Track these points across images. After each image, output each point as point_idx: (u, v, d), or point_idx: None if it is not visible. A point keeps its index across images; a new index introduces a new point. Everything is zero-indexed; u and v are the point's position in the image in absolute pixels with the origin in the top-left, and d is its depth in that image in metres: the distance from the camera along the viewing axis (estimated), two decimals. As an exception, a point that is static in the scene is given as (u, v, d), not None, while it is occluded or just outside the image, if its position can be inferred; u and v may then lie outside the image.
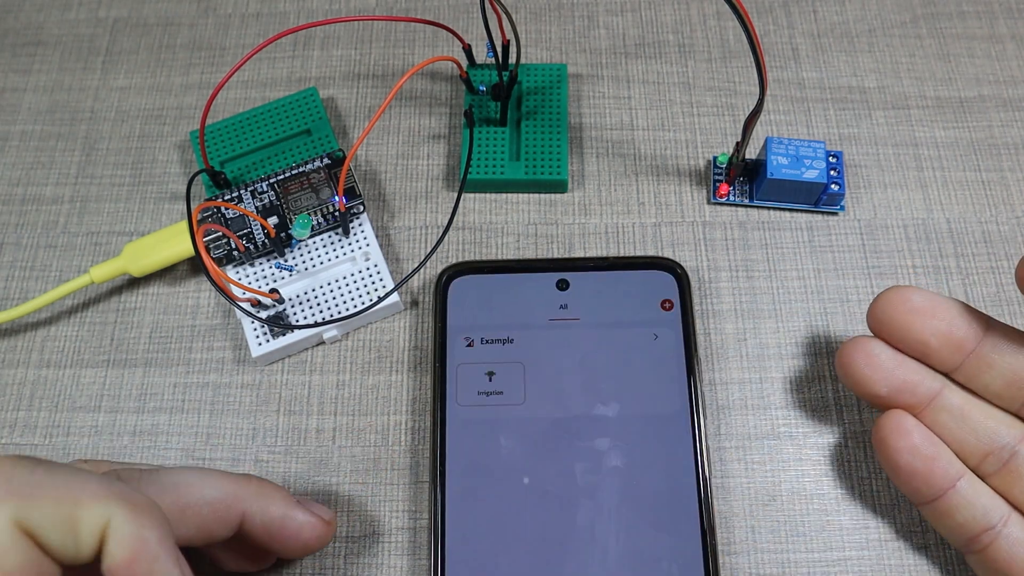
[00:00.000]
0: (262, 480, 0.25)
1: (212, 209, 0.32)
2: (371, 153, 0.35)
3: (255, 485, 0.25)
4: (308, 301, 0.31)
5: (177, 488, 0.23)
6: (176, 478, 0.23)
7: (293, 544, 0.25)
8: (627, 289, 0.31)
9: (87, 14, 0.39)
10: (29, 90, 0.38)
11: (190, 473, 0.24)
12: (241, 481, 0.24)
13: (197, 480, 0.23)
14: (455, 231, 0.34)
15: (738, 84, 0.36)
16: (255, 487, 0.25)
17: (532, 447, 0.28)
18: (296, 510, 0.25)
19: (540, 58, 0.37)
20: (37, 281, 0.34)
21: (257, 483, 0.25)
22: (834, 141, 0.35)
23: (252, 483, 0.25)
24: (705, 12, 0.38)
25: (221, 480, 0.24)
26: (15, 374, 0.32)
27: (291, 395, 0.31)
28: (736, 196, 0.33)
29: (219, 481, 0.24)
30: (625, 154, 0.35)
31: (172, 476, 0.23)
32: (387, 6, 0.39)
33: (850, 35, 0.37)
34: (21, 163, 0.36)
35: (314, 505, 0.26)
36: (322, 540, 0.25)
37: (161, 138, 0.36)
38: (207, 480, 0.24)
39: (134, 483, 0.22)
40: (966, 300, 0.32)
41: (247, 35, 0.38)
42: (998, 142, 0.35)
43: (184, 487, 0.23)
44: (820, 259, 0.33)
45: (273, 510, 0.24)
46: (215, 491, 0.23)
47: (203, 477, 0.24)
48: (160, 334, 0.32)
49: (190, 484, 0.23)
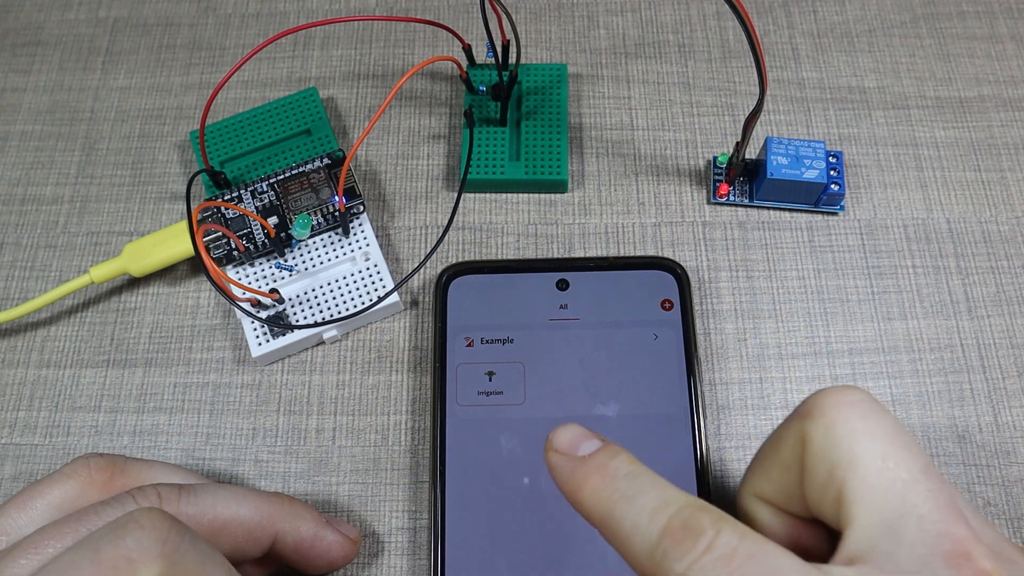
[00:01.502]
0: (294, 500, 0.26)
1: (212, 209, 0.32)
2: (371, 153, 0.35)
3: (288, 505, 0.25)
4: (308, 301, 0.31)
5: (215, 507, 0.23)
6: (214, 498, 0.24)
7: (320, 563, 0.25)
8: (627, 289, 0.31)
9: (87, 14, 0.39)
10: (29, 90, 0.38)
11: (227, 492, 0.24)
12: (275, 501, 0.25)
13: (234, 500, 0.24)
14: (455, 231, 0.34)
15: (738, 84, 0.36)
16: (288, 507, 0.25)
17: (532, 447, 0.28)
18: (326, 530, 0.25)
19: (540, 58, 0.37)
20: (37, 281, 0.34)
21: (290, 503, 0.25)
22: (834, 141, 0.35)
23: (285, 503, 0.25)
24: (705, 12, 0.38)
25: (257, 500, 0.24)
26: (15, 374, 0.32)
27: (291, 395, 0.31)
28: (736, 196, 0.33)
29: (255, 501, 0.24)
30: (625, 154, 0.35)
31: (210, 496, 0.24)
32: (387, 6, 0.39)
33: (850, 35, 0.37)
34: (21, 163, 0.36)
35: (341, 524, 0.26)
36: (348, 558, 0.26)
37: (161, 138, 0.36)
38: (244, 500, 0.24)
39: (173, 503, 0.23)
40: (966, 300, 0.32)
41: (247, 35, 0.38)
42: (998, 142, 0.35)
43: (222, 507, 0.24)
44: (820, 259, 0.33)
45: (304, 530, 0.25)
46: (251, 511, 0.24)
47: (240, 497, 0.24)
48: (160, 334, 0.32)
49: (228, 504, 0.24)
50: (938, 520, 0.16)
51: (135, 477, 0.24)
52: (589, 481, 0.18)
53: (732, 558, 0.16)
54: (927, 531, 0.16)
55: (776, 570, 0.15)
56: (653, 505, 0.17)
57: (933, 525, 0.16)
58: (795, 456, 0.18)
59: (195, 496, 0.23)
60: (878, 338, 0.31)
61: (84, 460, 0.24)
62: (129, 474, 0.24)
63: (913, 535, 0.16)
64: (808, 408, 0.18)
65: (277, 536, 0.25)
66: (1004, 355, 0.31)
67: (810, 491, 0.17)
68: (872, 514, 0.16)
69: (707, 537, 0.16)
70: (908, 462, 0.16)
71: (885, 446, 0.16)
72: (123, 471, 0.24)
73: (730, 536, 0.16)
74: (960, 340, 0.31)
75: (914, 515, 0.16)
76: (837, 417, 0.17)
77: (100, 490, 0.24)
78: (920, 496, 0.16)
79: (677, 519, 0.17)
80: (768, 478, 0.19)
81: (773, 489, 0.19)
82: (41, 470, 0.30)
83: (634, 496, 0.18)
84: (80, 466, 0.24)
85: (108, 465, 0.24)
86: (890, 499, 0.16)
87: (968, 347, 0.31)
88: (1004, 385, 0.30)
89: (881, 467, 0.16)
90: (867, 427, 0.17)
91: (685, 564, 0.16)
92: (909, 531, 0.16)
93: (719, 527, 0.16)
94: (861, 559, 0.16)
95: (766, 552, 0.16)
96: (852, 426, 0.17)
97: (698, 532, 0.16)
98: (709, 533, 0.16)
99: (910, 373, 0.31)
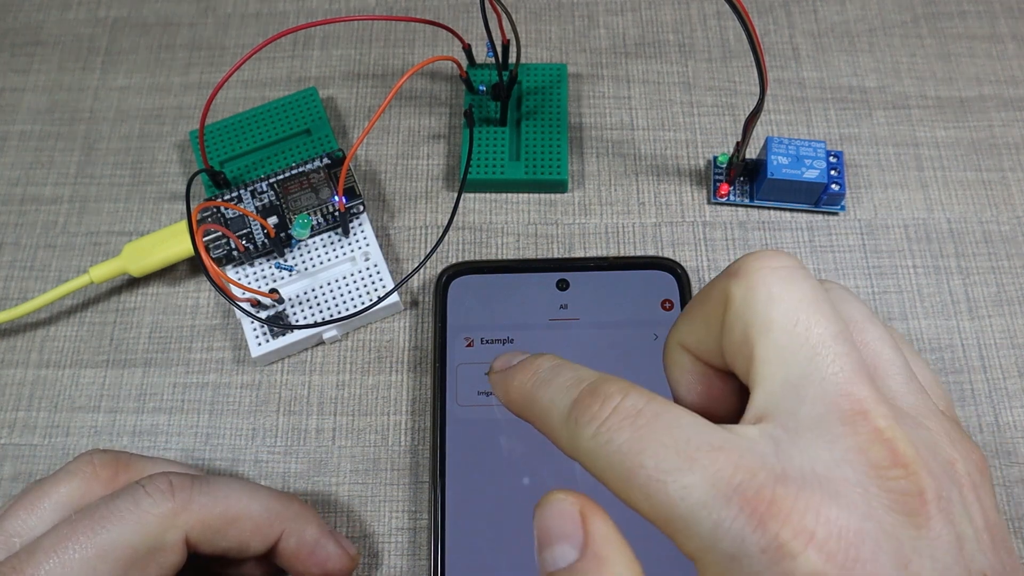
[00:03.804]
0: (303, 503, 0.26)
1: (212, 209, 0.32)
2: (371, 153, 0.35)
3: (296, 507, 0.25)
4: (308, 301, 0.31)
5: (227, 499, 0.23)
6: (226, 489, 0.24)
7: (316, 571, 0.25)
8: (627, 289, 0.31)
9: (86, 14, 0.39)
10: (28, 90, 0.38)
11: (239, 485, 0.24)
12: (284, 500, 0.25)
13: (245, 494, 0.24)
14: (455, 231, 0.34)
15: (738, 84, 0.36)
16: (296, 509, 0.25)
17: (532, 447, 0.28)
18: (328, 539, 0.26)
19: (540, 58, 0.37)
20: (37, 281, 0.33)
21: (299, 505, 0.25)
22: (834, 141, 0.35)
23: (294, 504, 0.25)
24: (705, 12, 0.38)
25: (267, 497, 0.25)
26: (15, 374, 0.32)
27: (291, 395, 0.31)
28: (736, 196, 0.33)
29: (266, 498, 0.24)
30: (625, 154, 0.35)
31: (222, 487, 0.24)
32: (387, 6, 0.39)
33: (850, 35, 0.37)
34: (20, 163, 0.36)
35: (342, 539, 0.26)
36: (343, 573, 0.26)
37: (161, 138, 0.36)
38: (255, 496, 0.24)
39: (186, 491, 0.23)
40: (967, 300, 0.32)
41: (247, 35, 0.38)
42: (998, 142, 0.35)
43: (234, 499, 0.24)
44: (820, 259, 0.33)
45: (308, 534, 0.25)
46: (260, 507, 0.24)
47: (251, 492, 0.24)
48: (160, 334, 0.32)
49: (239, 497, 0.24)
50: (841, 382, 0.16)
51: (140, 473, 0.24)
52: (515, 379, 0.19)
53: (638, 417, 0.16)
54: (828, 391, 0.16)
55: (680, 427, 0.16)
56: (568, 383, 0.18)
57: (835, 386, 0.16)
58: (717, 312, 0.18)
59: (207, 486, 0.23)
60: (878, 338, 0.31)
61: (88, 457, 0.24)
62: (134, 470, 0.24)
63: (815, 395, 0.16)
64: (735, 268, 0.18)
65: (282, 535, 0.25)
66: (1005, 355, 0.31)
67: (727, 347, 0.18)
68: (778, 375, 0.17)
69: (614, 400, 0.17)
70: (820, 327, 0.17)
71: (799, 312, 0.17)
72: (128, 467, 0.24)
73: (636, 399, 0.17)
74: (961, 340, 0.31)
75: (817, 376, 0.16)
76: (758, 280, 0.17)
77: (105, 486, 0.24)
78: (827, 359, 0.16)
79: (587, 388, 0.17)
80: (692, 329, 0.19)
81: (696, 340, 0.19)
82: (40, 470, 0.30)
83: (552, 379, 0.18)
84: (84, 463, 0.24)
85: (112, 461, 0.24)
86: (797, 361, 0.16)
87: (969, 347, 0.31)
88: (1005, 385, 0.30)
89: (792, 331, 0.17)
90: (785, 292, 0.17)
91: (593, 427, 0.16)
92: (811, 391, 0.16)
93: (626, 392, 0.17)
94: (765, 418, 0.16)
95: (672, 412, 0.16)
96: (770, 290, 0.17)
97: (605, 396, 0.17)
98: (616, 397, 0.17)
99: (910, 373, 0.31)
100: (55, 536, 0.21)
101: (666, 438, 0.16)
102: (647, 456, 0.16)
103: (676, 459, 0.15)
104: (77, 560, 0.21)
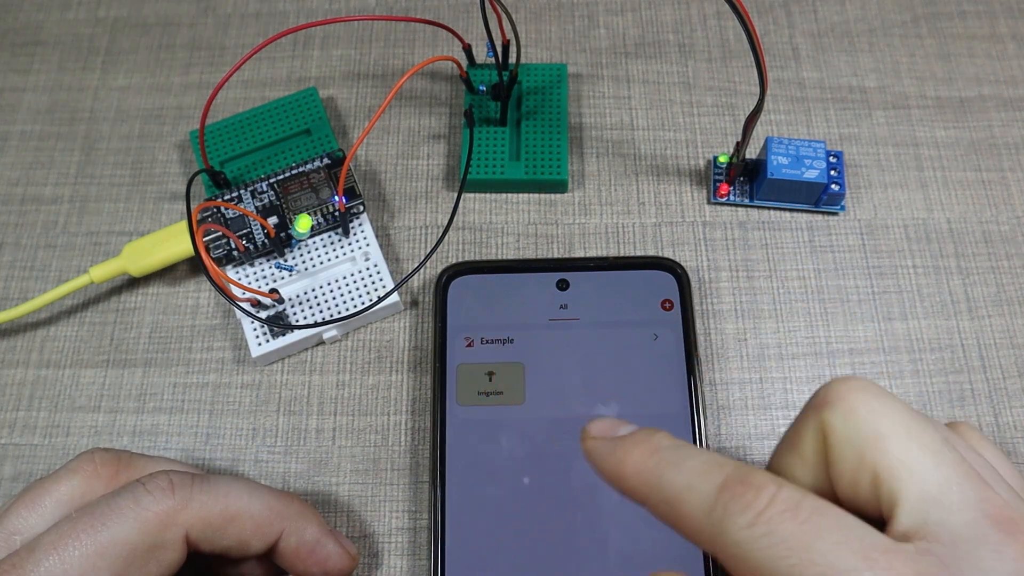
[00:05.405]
0: (303, 503, 0.26)
1: (212, 209, 0.32)
2: (371, 153, 0.35)
3: (297, 506, 0.25)
4: (308, 301, 0.31)
5: (228, 498, 0.23)
6: (227, 488, 0.24)
7: (316, 571, 0.25)
8: (627, 289, 0.31)
9: (86, 14, 0.39)
10: (28, 90, 0.38)
11: (240, 484, 0.24)
12: (284, 500, 0.25)
13: (246, 493, 0.24)
14: (455, 231, 0.34)
15: (738, 84, 0.36)
16: (297, 508, 0.25)
17: (532, 447, 0.28)
18: (328, 538, 0.25)
19: (540, 58, 0.37)
20: (37, 281, 0.34)
21: (299, 505, 0.25)
22: (834, 141, 0.35)
23: (295, 503, 0.25)
24: (705, 12, 0.38)
25: (268, 496, 0.24)
26: (15, 374, 0.32)
27: (291, 395, 0.31)
28: (736, 196, 0.33)
29: (266, 497, 0.24)
30: (625, 154, 0.35)
31: (223, 486, 0.24)
32: (387, 6, 0.39)
33: (850, 35, 0.37)
34: (20, 163, 0.36)
35: (343, 538, 0.26)
36: (343, 573, 0.26)
37: (161, 138, 0.36)
38: (255, 494, 0.24)
39: (186, 489, 0.23)
40: (966, 300, 0.32)
41: (247, 35, 0.38)
42: (998, 142, 0.35)
43: (234, 497, 0.24)
44: (820, 259, 0.33)
45: (308, 534, 0.25)
46: (261, 506, 0.24)
47: (252, 491, 0.24)
48: (160, 334, 0.32)
49: (240, 496, 0.24)
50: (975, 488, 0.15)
51: (141, 471, 0.24)
52: (631, 455, 0.18)
53: (798, 510, 0.15)
54: (968, 498, 0.15)
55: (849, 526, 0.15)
56: (705, 467, 0.17)
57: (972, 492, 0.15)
58: (816, 450, 0.17)
59: (208, 484, 0.23)
60: (878, 338, 0.31)
61: (89, 455, 0.24)
62: (135, 468, 0.24)
63: (959, 502, 0.15)
64: (823, 398, 0.17)
65: (282, 535, 0.25)
66: (1004, 355, 0.31)
67: (840, 480, 0.17)
68: (916, 487, 0.16)
69: (768, 490, 0.16)
70: (929, 433, 0.16)
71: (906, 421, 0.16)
72: (128, 465, 0.24)
73: (793, 491, 0.16)
74: (961, 340, 0.31)
75: (949, 484, 0.16)
76: (855, 401, 0.17)
77: (106, 485, 0.24)
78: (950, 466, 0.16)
79: (735, 476, 0.16)
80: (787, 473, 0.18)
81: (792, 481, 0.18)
82: (40, 470, 0.30)
83: (682, 461, 0.17)
84: (85, 461, 0.24)
85: (113, 459, 0.24)
86: (927, 471, 0.16)
87: (969, 347, 0.31)
88: (1005, 385, 0.30)
89: (908, 442, 0.16)
90: (881, 406, 0.17)
91: (749, 517, 0.15)
92: (954, 499, 0.15)
93: (780, 483, 0.16)
94: (915, 534, 0.16)
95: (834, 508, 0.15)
96: (870, 406, 0.17)
97: (759, 486, 0.16)
98: (770, 487, 0.16)
99: (910, 373, 0.31)
100: (55, 534, 0.21)
101: (837, 535, 0.15)
102: (816, 552, 0.15)
103: (852, 558, 0.15)
104: (77, 557, 0.21)
